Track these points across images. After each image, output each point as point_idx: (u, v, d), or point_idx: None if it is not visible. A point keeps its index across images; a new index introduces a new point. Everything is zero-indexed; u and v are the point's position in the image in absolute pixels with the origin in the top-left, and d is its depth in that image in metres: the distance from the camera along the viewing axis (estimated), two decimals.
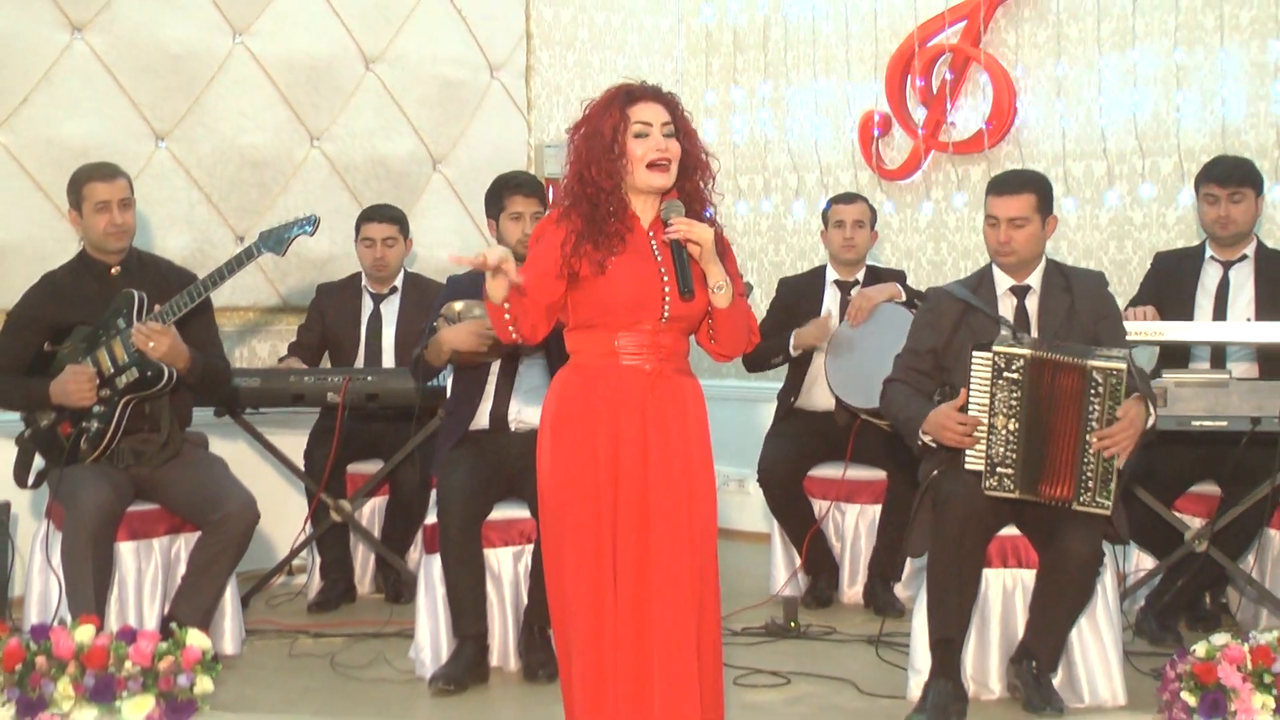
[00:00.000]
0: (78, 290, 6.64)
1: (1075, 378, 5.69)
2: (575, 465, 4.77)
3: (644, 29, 10.35)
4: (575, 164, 4.81)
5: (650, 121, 4.74)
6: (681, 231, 4.65)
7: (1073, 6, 8.97)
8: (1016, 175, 6.32)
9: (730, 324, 4.80)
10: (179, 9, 8.37)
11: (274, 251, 6.52)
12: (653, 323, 4.74)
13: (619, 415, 4.74)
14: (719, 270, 4.73)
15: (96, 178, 6.58)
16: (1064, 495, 5.71)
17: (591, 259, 4.70)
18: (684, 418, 4.80)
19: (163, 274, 6.77)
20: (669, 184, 4.77)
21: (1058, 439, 5.71)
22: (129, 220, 6.63)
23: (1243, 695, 5.37)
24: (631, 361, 4.76)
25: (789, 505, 7.72)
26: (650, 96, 4.81)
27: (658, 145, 4.73)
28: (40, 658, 5.38)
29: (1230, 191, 6.99)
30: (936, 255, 9.51)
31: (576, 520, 4.76)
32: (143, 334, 6.28)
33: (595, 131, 4.76)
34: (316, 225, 6.59)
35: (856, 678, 6.31)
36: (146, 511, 6.64)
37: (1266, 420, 6.49)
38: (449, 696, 6.09)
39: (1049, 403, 5.72)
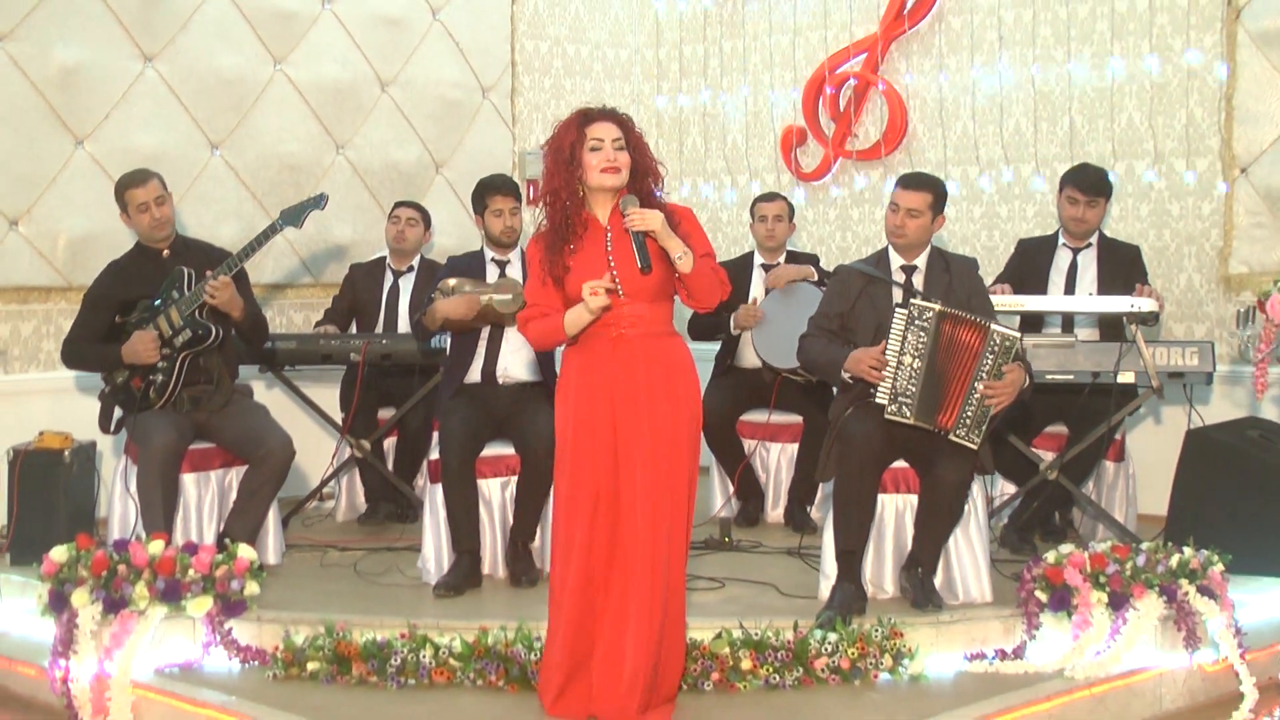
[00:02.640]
0: (137, 272, 6.64)
1: (978, 335, 5.71)
2: (570, 421, 4.86)
3: (606, 59, 10.32)
4: (545, 172, 4.90)
5: (602, 138, 4.81)
6: (635, 221, 4.72)
7: (951, 42, 8.99)
8: (921, 176, 6.31)
9: (699, 282, 4.85)
10: (230, 42, 8.36)
11: (293, 225, 6.55)
12: (614, 299, 4.79)
13: (601, 376, 4.82)
14: (676, 243, 4.77)
15: (133, 185, 6.56)
16: (946, 424, 5.75)
17: (560, 266, 4.80)
18: (669, 373, 4.86)
19: (204, 252, 6.75)
20: (619, 184, 4.83)
21: (950, 380, 5.73)
22: (166, 213, 6.61)
23: (1083, 592, 5.45)
24: (610, 332, 4.82)
25: (724, 444, 7.72)
26: (605, 117, 4.86)
27: (608, 156, 4.80)
28: (121, 566, 5.42)
29: (1089, 199, 7.02)
30: (843, 242, 9.54)
31: (571, 466, 4.86)
32: (210, 288, 6.32)
33: (558, 146, 4.84)
34: (325, 202, 6.65)
35: (778, 582, 6.30)
36: (204, 449, 6.65)
37: (1104, 374, 6.59)
38: (449, 598, 6.09)
39: (948, 350, 5.73)
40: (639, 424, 4.79)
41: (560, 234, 4.84)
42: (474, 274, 6.63)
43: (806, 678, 5.29)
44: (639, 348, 4.83)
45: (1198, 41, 8.07)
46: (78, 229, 7.78)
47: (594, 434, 4.82)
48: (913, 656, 5.39)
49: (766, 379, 7.62)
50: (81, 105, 7.80)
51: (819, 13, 9.58)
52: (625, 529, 4.79)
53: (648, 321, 4.86)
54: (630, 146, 4.86)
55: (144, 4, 8.00)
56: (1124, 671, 5.35)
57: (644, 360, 4.83)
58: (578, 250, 4.82)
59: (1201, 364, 6.59)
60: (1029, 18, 8.68)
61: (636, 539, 4.77)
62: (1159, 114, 8.20)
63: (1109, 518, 6.96)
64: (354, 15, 8.92)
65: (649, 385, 4.82)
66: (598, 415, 4.81)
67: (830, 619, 5.51)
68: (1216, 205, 8.03)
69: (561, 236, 4.84)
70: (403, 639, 5.40)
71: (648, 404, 4.81)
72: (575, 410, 4.85)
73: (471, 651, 5.32)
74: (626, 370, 4.81)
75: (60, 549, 5.52)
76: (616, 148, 4.82)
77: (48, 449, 6.80)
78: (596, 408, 4.82)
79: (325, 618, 5.58)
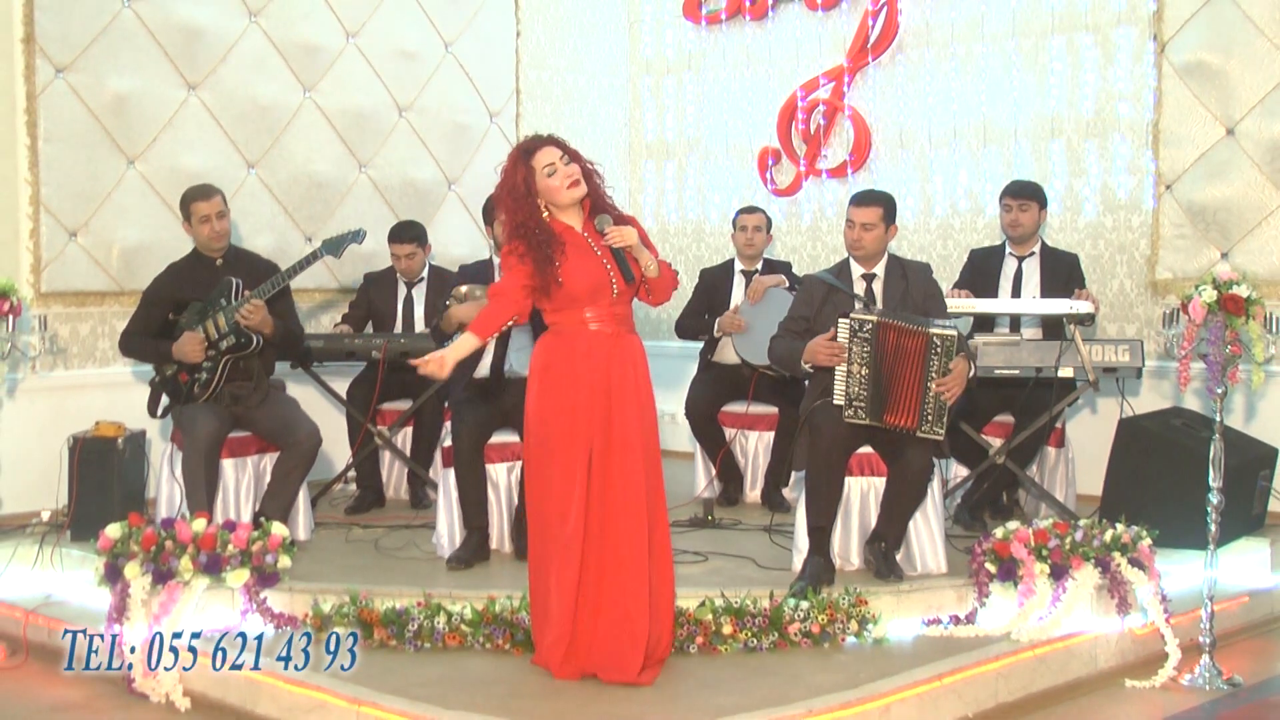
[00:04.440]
0: (192, 276, 6.62)
1: (919, 340, 5.72)
2: (558, 405, 4.84)
3: (601, 86, 10.31)
4: (507, 212, 4.85)
5: (552, 161, 4.82)
6: (614, 239, 4.76)
7: (910, 72, 9.01)
8: (871, 192, 6.31)
9: (660, 284, 4.94)
10: (265, 73, 8.34)
11: (333, 255, 6.52)
12: (608, 298, 4.81)
13: (592, 367, 4.82)
14: (646, 255, 4.83)
15: (198, 198, 6.55)
16: (909, 425, 5.74)
17: (549, 279, 4.77)
18: (636, 367, 4.89)
19: (253, 264, 6.75)
20: (584, 193, 4.85)
21: (900, 383, 5.73)
22: (225, 226, 6.61)
23: (1028, 564, 5.46)
24: (596, 327, 4.84)
25: (707, 432, 7.72)
26: (542, 144, 4.87)
27: (566, 173, 4.81)
28: (168, 542, 5.40)
29: (1020, 202, 7.08)
30: (814, 251, 9.54)
31: (560, 445, 4.84)
32: (244, 311, 6.32)
33: (512, 185, 4.83)
34: (364, 237, 6.64)
35: (756, 555, 6.31)
36: (242, 437, 6.64)
37: (1046, 369, 6.63)
38: (461, 571, 6.10)
39: (893, 356, 5.74)
40: (629, 408, 4.82)
41: (546, 254, 4.79)
42: (484, 280, 6.61)
43: (781, 641, 5.30)
44: (622, 343, 4.88)
45: (1128, 72, 8.09)
46: (130, 239, 7.76)
47: (590, 417, 4.81)
48: (876, 622, 5.40)
49: (745, 374, 7.62)
50: (133, 129, 7.78)
51: (791, 45, 9.58)
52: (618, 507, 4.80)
53: (628, 320, 4.93)
54: (571, 157, 4.87)
55: (188, 38, 7.99)
56: (1063, 635, 5.37)
57: (625, 353, 4.88)
58: (566, 260, 4.80)
59: (1132, 360, 6.63)
60: (980, 50, 8.70)
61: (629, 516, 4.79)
62: (1094, 136, 8.21)
63: (1050, 498, 6.98)
64: (375, 48, 8.91)
65: (635, 376, 4.87)
66: (594, 400, 4.81)
67: (802, 589, 5.52)
68: (1145, 218, 8.04)
69: (549, 257, 4.79)
70: (419, 607, 5.40)
71: (635, 391, 4.85)
72: (568, 396, 4.82)
73: (481, 618, 5.33)
74: (618, 361, 4.84)
75: (114, 526, 5.50)
76: (565, 164, 4.83)
77: (103, 437, 6.80)
78: (595, 395, 4.81)
79: (350, 588, 5.59)
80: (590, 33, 10.27)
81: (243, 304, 6.34)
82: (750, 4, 9.75)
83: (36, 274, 7.42)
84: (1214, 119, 7.73)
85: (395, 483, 8.01)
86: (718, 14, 9.95)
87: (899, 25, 9.04)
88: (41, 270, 7.44)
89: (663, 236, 10.15)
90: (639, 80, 10.48)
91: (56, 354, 7.51)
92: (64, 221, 7.52)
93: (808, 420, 6.00)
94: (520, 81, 9.79)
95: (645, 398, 4.92)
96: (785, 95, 9.59)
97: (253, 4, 8.29)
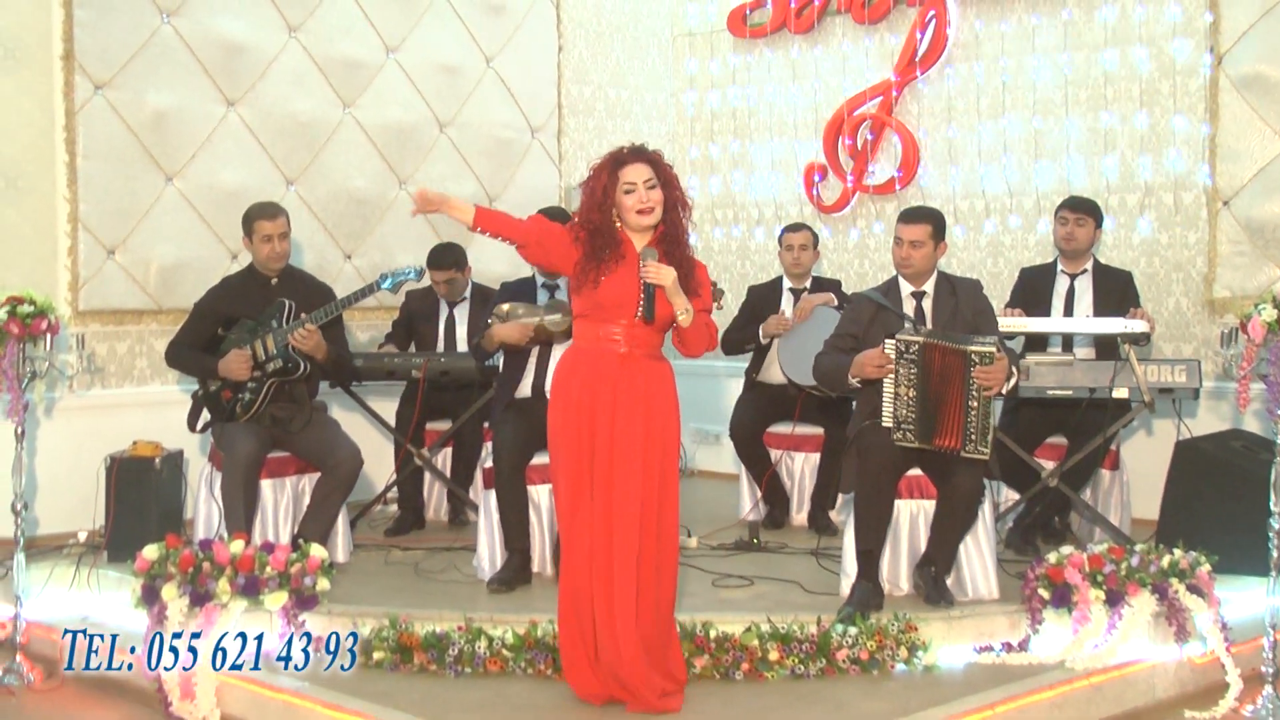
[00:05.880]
0: (245, 293, 6.67)
1: (959, 359, 5.70)
2: (566, 418, 4.87)
3: (645, 102, 10.34)
4: (581, 205, 4.90)
5: (634, 181, 4.81)
6: (650, 275, 4.74)
7: (960, 87, 8.98)
8: (919, 209, 6.29)
9: (693, 336, 4.91)
10: (304, 88, 8.39)
11: (389, 289, 6.53)
12: (629, 319, 4.81)
13: (598, 384, 4.83)
14: (681, 301, 4.81)
15: (263, 216, 6.59)
16: (954, 445, 5.70)
17: (591, 275, 4.79)
18: (649, 390, 4.87)
19: (308, 285, 6.79)
20: (655, 222, 4.84)
21: (947, 404, 5.70)
22: (285, 247, 6.65)
23: (1082, 590, 5.43)
24: (612, 346, 4.83)
25: (752, 453, 7.70)
26: (635, 159, 4.85)
27: (641, 198, 4.80)
28: (206, 563, 5.43)
29: (1077, 216, 7.05)
30: (861, 269, 9.52)
31: (564, 463, 4.88)
32: (298, 335, 6.35)
33: (592, 188, 4.85)
34: (422, 274, 6.70)
35: (802, 579, 6.28)
36: (281, 458, 6.67)
37: (1100, 390, 6.55)
38: (502, 594, 6.08)
39: (939, 377, 5.71)
40: (633, 431, 4.81)
41: (597, 254, 4.83)
42: (526, 298, 6.64)
43: (829, 668, 5.26)
44: (640, 366, 4.87)
45: (1184, 86, 8.03)
46: (168, 257, 7.81)
47: (593, 438, 4.83)
48: (926, 649, 5.37)
49: (790, 394, 7.60)
50: (171, 145, 7.83)
51: (838, 60, 9.58)
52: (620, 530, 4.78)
53: (650, 345, 4.91)
54: (661, 182, 4.85)
55: (227, 55, 8.05)
56: (1119, 663, 5.31)
57: (642, 377, 4.86)
58: (612, 271, 4.82)
59: (1189, 380, 6.55)
60: (1031, 64, 8.66)
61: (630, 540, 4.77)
62: (1149, 150, 8.15)
63: (1105, 521, 6.91)
64: (415, 63, 8.95)
65: (646, 398, 4.86)
66: (598, 421, 4.82)
67: (850, 614, 5.50)
68: (1202, 235, 7.98)
69: (599, 258, 4.83)
70: (460, 631, 5.39)
71: (644, 415, 4.83)
72: (578, 413, 4.84)
73: (522, 643, 5.32)
74: (627, 383, 4.84)
75: (151, 548, 5.53)
76: (648, 187, 4.82)
77: (140, 456, 6.83)
78: (598, 414, 4.82)
79: (389, 611, 5.59)
80: (633, 47, 10.30)
81: (295, 327, 6.38)
82: (796, 18, 9.74)
83: (74, 292, 7.48)
84: (1273, 132, 7.66)
85: (435, 504, 8.01)
86: (763, 28, 9.95)
87: (948, 38, 9.02)
88: (79, 288, 7.49)
89: (707, 254, 10.14)
90: (683, 95, 10.49)
91: (94, 373, 7.57)
92: (102, 239, 7.57)
93: (855, 441, 5.97)
94: (562, 96, 9.83)
95: (658, 422, 4.88)
96: (832, 110, 9.58)
97: (292, 19, 8.35)
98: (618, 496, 4.79)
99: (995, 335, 5.85)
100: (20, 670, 5.61)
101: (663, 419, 4.89)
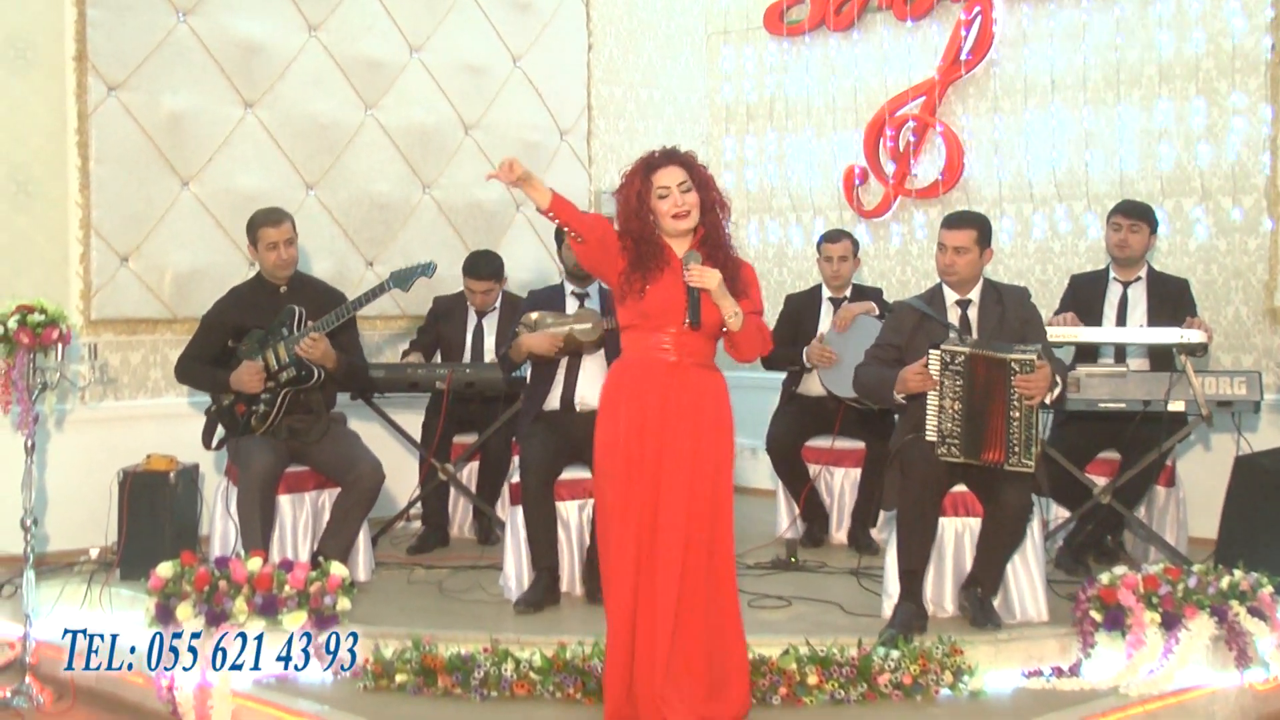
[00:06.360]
0: (254, 302, 6.71)
1: (1001, 368, 5.69)
2: (615, 432, 4.86)
3: (678, 102, 10.35)
4: (618, 216, 4.90)
5: (668, 185, 4.80)
6: (694, 278, 4.73)
7: (1005, 86, 8.97)
8: (963, 214, 6.29)
9: (744, 340, 4.89)
10: (325, 90, 8.45)
11: (401, 288, 6.55)
12: (677, 328, 4.81)
13: (646, 395, 4.82)
14: (729, 304, 4.79)
15: (267, 223, 6.63)
16: (997, 459, 5.71)
17: (636, 284, 4.80)
18: (699, 401, 4.85)
19: (318, 292, 6.83)
20: (692, 226, 4.84)
21: (992, 416, 5.70)
22: (292, 254, 6.69)
23: (1136, 612, 5.40)
24: (661, 356, 4.83)
25: (790, 468, 7.70)
26: (668, 162, 4.84)
27: (676, 202, 4.80)
28: (222, 582, 5.46)
29: (1131, 223, 7.02)
30: (903, 276, 9.52)
31: (611, 478, 4.86)
32: (305, 344, 6.38)
33: (626, 196, 4.85)
34: (434, 271, 6.65)
35: (842, 600, 6.28)
36: (300, 472, 6.70)
37: (1155, 402, 6.53)
38: (530, 614, 6.10)
39: (984, 389, 5.70)
40: (682, 445, 4.80)
41: (640, 264, 4.83)
42: (554, 306, 6.66)
43: (870, 693, 5.25)
44: (689, 375, 4.85)
45: (1243, 84, 8.01)
46: (183, 264, 7.87)
47: (643, 451, 4.81)
48: (972, 673, 5.35)
49: (830, 407, 7.60)
50: (187, 149, 7.89)
51: (879, 58, 9.58)
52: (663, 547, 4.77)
53: (701, 354, 4.89)
54: (696, 184, 4.84)
55: (245, 55, 8.11)
56: (1177, 689, 5.30)
57: (693, 387, 4.85)
58: (657, 280, 4.82)
59: (1249, 393, 6.52)
60: (1079, 63, 8.64)
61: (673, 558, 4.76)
62: (1205, 153, 8.13)
63: (1160, 540, 6.89)
64: (440, 63, 8.99)
65: (696, 410, 4.84)
66: (647, 433, 4.81)
67: (893, 636, 5.49)
68: (1262, 241, 7.95)
69: (643, 266, 4.83)
70: (485, 653, 5.40)
71: (692, 428, 4.82)
72: (627, 426, 4.83)
73: (551, 665, 5.32)
74: (676, 394, 4.82)
75: (166, 565, 5.57)
76: (683, 190, 4.81)
77: (154, 471, 6.88)
78: (647, 426, 4.81)
79: (412, 632, 5.61)
80: (666, 46, 10.32)
81: (304, 335, 6.41)
82: (835, 14, 9.76)
83: (86, 300, 7.55)
84: None
85: (460, 521, 8.04)
86: (801, 25, 9.97)
87: (994, 35, 9.01)
88: (91, 296, 7.56)
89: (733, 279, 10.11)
90: (717, 95, 10.51)
91: (106, 384, 7.63)
92: (115, 246, 7.64)
93: (898, 456, 5.97)
94: (592, 97, 9.85)
95: (708, 435, 4.86)
96: (873, 111, 9.59)
97: (312, 18, 8.41)
98: (663, 512, 4.78)
99: (1039, 344, 5.85)
100: (29, 692, 5.65)
101: (714, 431, 4.88)
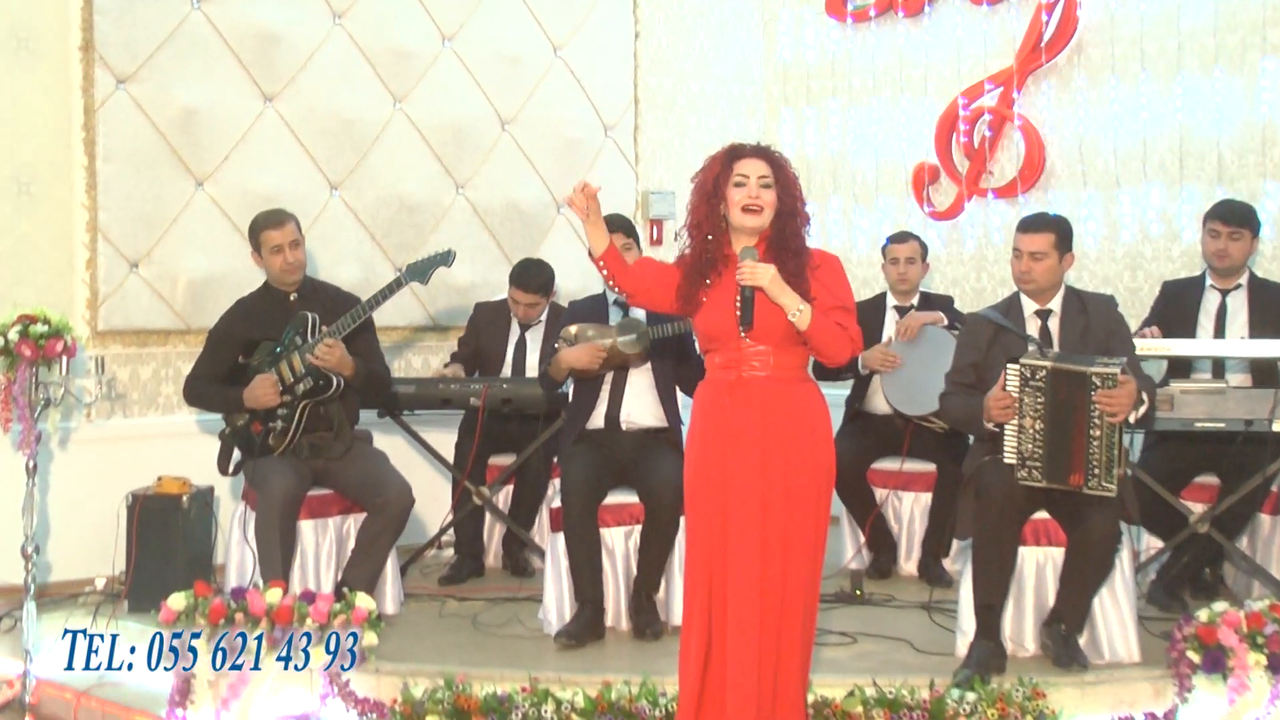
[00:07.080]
0: (263, 312, 6.72)
1: (1081, 382, 5.64)
2: (690, 458, 4.89)
3: (731, 96, 10.33)
4: (690, 204, 4.91)
5: (747, 174, 4.79)
6: (745, 276, 4.69)
7: (1091, 75, 8.90)
8: (1040, 217, 6.24)
9: (818, 339, 4.79)
10: (350, 82, 8.45)
11: (419, 281, 6.53)
12: (737, 340, 4.76)
13: (717, 412, 4.81)
14: (790, 300, 4.72)
15: (269, 226, 6.64)
16: (1078, 482, 5.65)
17: (695, 300, 4.80)
18: (793, 420, 4.81)
19: (331, 297, 6.82)
20: (761, 225, 4.81)
21: (1075, 435, 5.64)
22: (299, 257, 6.68)
23: (1239, 654, 5.34)
24: (730, 375, 4.80)
25: (855, 493, 7.65)
26: (753, 154, 4.85)
27: (750, 194, 4.77)
28: (239, 614, 5.44)
29: (1231, 230, 6.93)
30: (978, 283, 9.46)
31: (692, 503, 4.88)
32: (319, 351, 6.36)
33: (703, 180, 4.85)
34: (453, 259, 6.58)
35: (912, 637, 6.25)
36: (323, 496, 6.69)
37: (1258, 422, 6.41)
38: (571, 650, 6.08)
39: (1067, 406, 5.65)
40: (750, 470, 4.74)
41: (699, 267, 4.82)
42: (597, 317, 6.63)
43: None
44: (761, 391, 4.79)
45: None
46: (197, 271, 7.87)
47: (707, 479, 4.80)
48: (1056, 718, 5.30)
49: (898, 426, 7.55)
50: (202, 146, 7.91)
51: (952, 46, 9.52)
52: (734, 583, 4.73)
53: (774, 365, 4.81)
54: (779, 185, 4.82)
55: (264, 44, 8.12)
56: None
57: (765, 405, 4.78)
58: (714, 285, 4.80)
59: None
60: (1174, 47, 8.55)
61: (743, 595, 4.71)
62: None
63: (1266, 574, 6.78)
64: (474, 53, 8.99)
65: (766, 431, 4.77)
66: (709, 459, 4.80)
67: (968, 677, 5.45)
68: None
69: (700, 270, 4.82)
70: (523, 693, 5.38)
71: (761, 451, 4.75)
72: (695, 452, 4.85)
73: (595, 707, 5.30)
74: (744, 414, 4.77)
75: (178, 596, 5.56)
76: (762, 185, 4.79)
77: (166, 494, 6.88)
78: (709, 451, 4.81)
79: (444, 670, 5.59)
80: (720, 33, 10.30)
81: (318, 342, 6.39)
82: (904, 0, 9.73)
83: (93, 310, 7.57)
84: None
85: (496, 549, 8.01)
86: (866, 10, 9.94)
87: (1078, 20, 8.95)
88: (99, 305, 7.58)
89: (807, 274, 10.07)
90: (775, 86, 10.48)
91: (114, 400, 7.64)
92: (124, 251, 7.65)
93: (973, 479, 5.92)
94: (639, 89, 9.84)
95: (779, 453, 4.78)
96: (945, 104, 9.54)
97: (336, 5, 8.42)
98: (733, 539, 4.74)
99: (1125, 357, 5.78)
100: None
101: (788, 448, 4.79)
